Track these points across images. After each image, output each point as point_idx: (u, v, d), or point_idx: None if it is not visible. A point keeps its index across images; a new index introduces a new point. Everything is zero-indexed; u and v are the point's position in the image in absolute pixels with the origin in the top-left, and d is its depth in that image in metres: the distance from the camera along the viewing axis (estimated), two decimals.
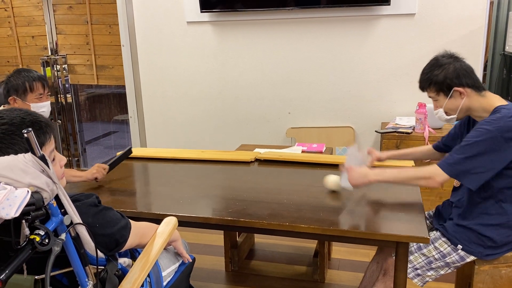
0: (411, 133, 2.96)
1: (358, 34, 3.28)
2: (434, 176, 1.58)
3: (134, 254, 1.49)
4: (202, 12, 3.43)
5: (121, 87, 4.22)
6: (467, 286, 1.82)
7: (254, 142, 3.67)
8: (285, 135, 3.61)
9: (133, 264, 1.39)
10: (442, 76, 1.67)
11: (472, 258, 1.68)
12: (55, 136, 1.22)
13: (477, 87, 1.66)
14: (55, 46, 4.17)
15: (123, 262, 1.39)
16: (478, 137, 1.54)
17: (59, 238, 1.08)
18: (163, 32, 3.65)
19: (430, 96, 1.74)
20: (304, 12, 3.30)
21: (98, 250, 1.19)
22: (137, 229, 1.38)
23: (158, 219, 1.58)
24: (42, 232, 1.01)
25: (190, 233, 3.09)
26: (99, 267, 1.23)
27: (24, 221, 0.99)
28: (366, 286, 1.92)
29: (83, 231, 1.16)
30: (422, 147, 2.06)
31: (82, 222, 1.15)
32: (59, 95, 4.30)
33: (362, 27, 3.26)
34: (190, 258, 1.67)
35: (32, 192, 0.98)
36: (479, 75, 3.15)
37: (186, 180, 2.11)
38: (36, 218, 1.01)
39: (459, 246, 1.67)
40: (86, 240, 1.17)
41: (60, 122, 4.36)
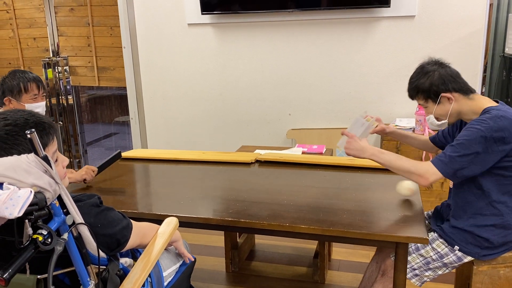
0: None
1: (358, 36, 3.29)
2: (427, 175, 1.59)
3: (135, 254, 1.50)
4: (203, 14, 3.44)
5: (122, 89, 4.24)
6: (466, 286, 1.82)
7: (255, 143, 3.68)
8: (285, 137, 3.62)
9: (134, 264, 1.40)
10: (428, 83, 1.69)
11: (469, 258, 1.69)
12: (58, 137, 1.23)
13: (464, 91, 1.68)
14: (57, 48, 4.18)
15: (125, 262, 1.40)
16: (469, 136, 1.56)
17: (62, 237, 1.09)
18: (164, 34, 3.67)
19: (420, 103, 1.77)
20: (304, 14, 3.31)
21: (99, 250, 1.21)
22: (138, 229, 1.39)
23: (159, 220, 1.59)
24: (45, 231, 1.03)
25: (191, 234, 3.10)
26: (101, 267, 1.24)
27: (27, 221, 1.00)
28: (365, 287, 1.93)
29: (85, 231, 1.17)
30: (420, 136, 2.08)
31: (84, 222, 1.16)
32: (61, 97, 4.31)
33: (362, 29, 3.27)
34: (192, 257, 1.68)
35: (35, 192, 0.99)
36: (479, 77, 3.16)
37: (186, 181, 2.12)
38: (39, 218, 1.02)
39: (456, 247, 1.68)
40: (88, 240, 1.18)
41: (61, 123, 4.37)
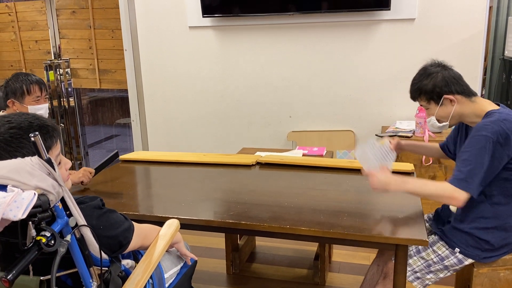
0: (411, 137, 2.98)
1: (358, 39, 3.30)
2: (456, 196, 1.56)
3: (137, 255, 1.51)
4: (204, 17, 3.46)
5: (123, 91, 4.25)
6: None
7: (256, 145, 3.69)
8: (286, 139, 3.63)
9: (136, 265, 1.40)
10: (431, 85, 1.69)
11: (470, 261, 1.69)
12: (60, 140, 1.25)
13: (467, 93, 1.69)
14: (58, 50, 4.20)
15: (126, 263, 1.41)
16: (476, 145, 1.56)
17: (65, 239, 1.10)
18: (165, 36, 3.68)
19: (421, 105, 1.77)
20: (305, 17, 3.33)
21: (102, 251, 1.22)
22: (140, 231, 1.40)
23: (160, 222, 1.60)
24: (48, 233, 1.04)
25: (192, 236, 3.11)
26: (103, 269, 1.25)
27: (30, 222, 1.01)
28: None
29: (88, 233, 1.18)
30: (431, 144, 2.07)
31: (86, 224, 1.17)
32: (62, 99, 4.33)
33: (362, 32, 3.28)
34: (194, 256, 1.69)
35: (38, 194, 1.00)
36: (479, 80, 3.17)
37: (188, 183, 2.13)
38: (42, 220, 1.03)
39: (457, 249, 1.69)
40: (90, 241, 1.19)
41: (63, 125, 4.39)
